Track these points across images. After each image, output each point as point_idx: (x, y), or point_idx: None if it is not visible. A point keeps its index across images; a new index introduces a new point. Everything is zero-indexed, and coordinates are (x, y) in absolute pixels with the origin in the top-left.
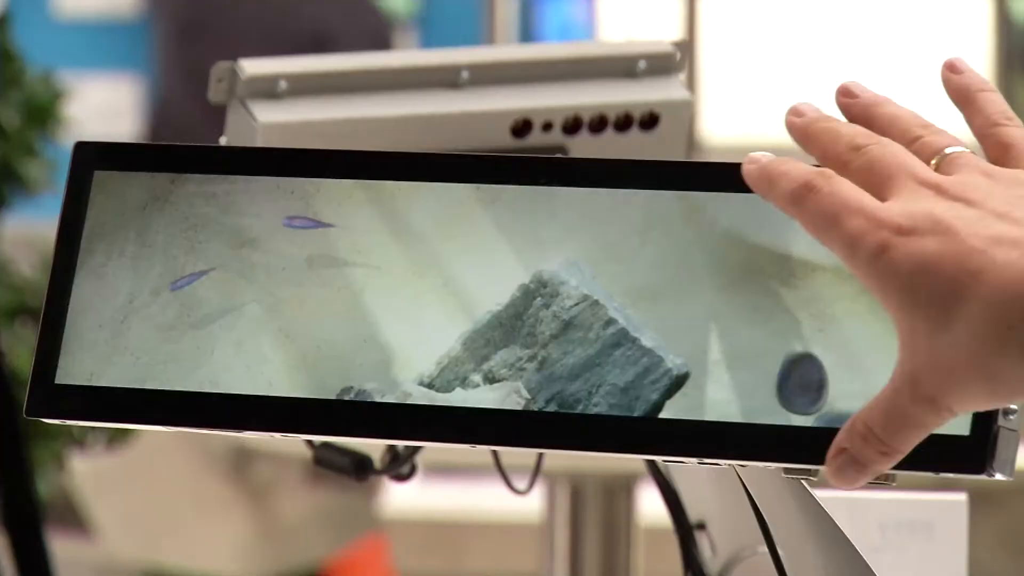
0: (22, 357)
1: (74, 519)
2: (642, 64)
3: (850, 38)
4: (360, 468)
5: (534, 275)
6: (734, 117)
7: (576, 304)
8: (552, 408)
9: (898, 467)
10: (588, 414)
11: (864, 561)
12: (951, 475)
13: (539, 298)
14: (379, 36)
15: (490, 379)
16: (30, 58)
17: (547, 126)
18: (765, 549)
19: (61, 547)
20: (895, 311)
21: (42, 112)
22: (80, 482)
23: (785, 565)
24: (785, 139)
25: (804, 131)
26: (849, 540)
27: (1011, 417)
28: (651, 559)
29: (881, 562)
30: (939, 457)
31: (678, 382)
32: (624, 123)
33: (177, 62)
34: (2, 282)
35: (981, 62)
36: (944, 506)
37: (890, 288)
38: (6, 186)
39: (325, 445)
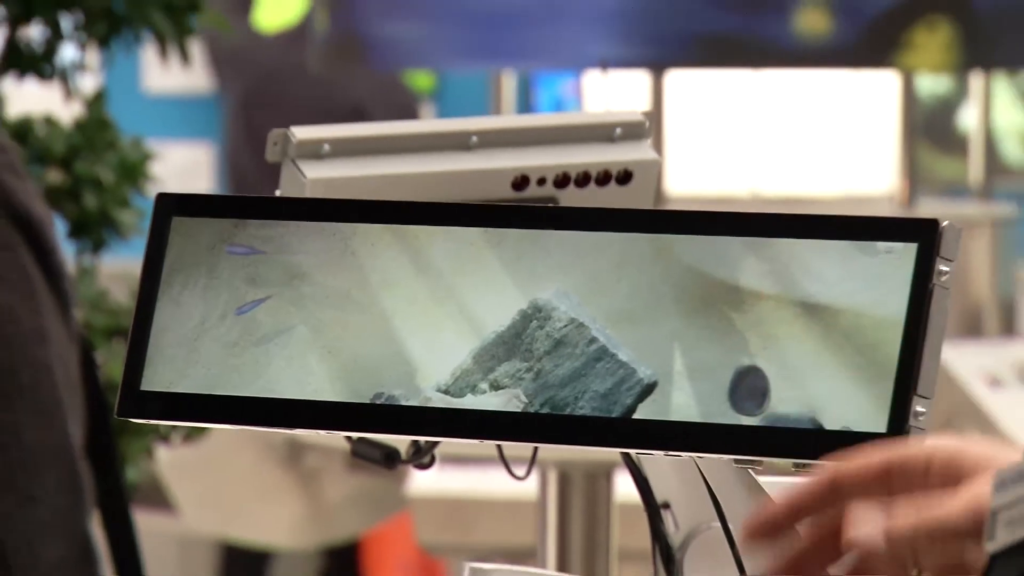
0: (116, 369)
1: (161, 499)
2: (618, 131)
3: (783, 109)
4: (390, 459)
5: (531, 302)
6: (692, 174)
7: (565, 326)
8: (545, 410)
9: (824, 459)
10: (575, 415)
11: (798, 533)
12: None
13: (535, 321)
14: (407, 109)
15: (495, 386)
16: (123, 127)
17: (541, 181)
18: (718, 525)
19: (151, 522)
20: None
21: (133, 171)
22: (164, 469)
23: (735, 537)
24: (729, 191)
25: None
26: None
27: (921, 418)
28: (625, 532)
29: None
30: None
31: (648, 389)
32: (604, 179)
33: (240, 127)
34: (101, 308)
35: (890, 132)
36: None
37: None
38: (104, 231)
39: (361, 440)
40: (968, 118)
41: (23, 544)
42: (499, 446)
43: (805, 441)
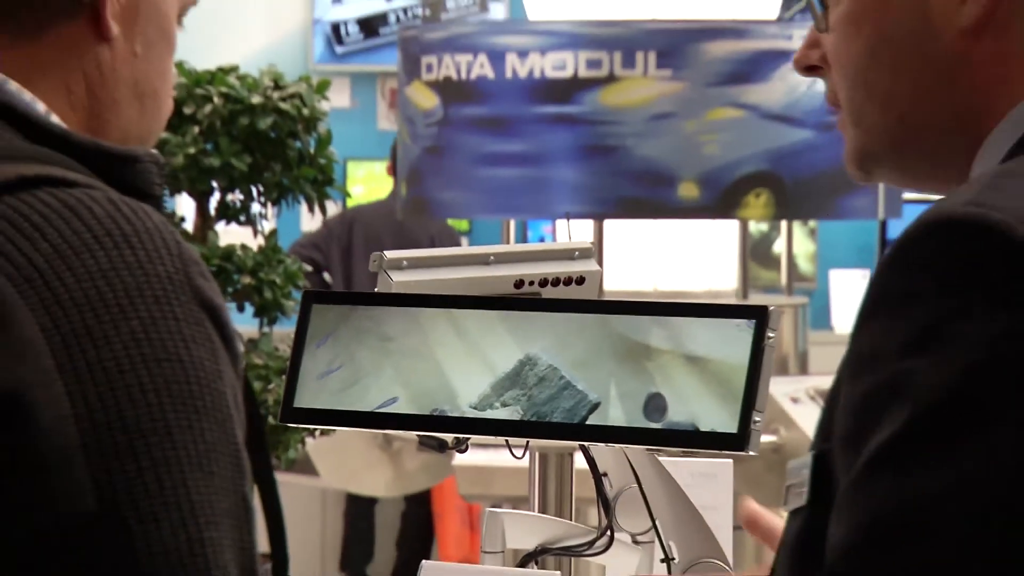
0: (280, 393)
1: (310, 468)
2: (576, 253)
3: (672, 241)
4: (441, 447)
5: (525, 355)
6: (619, 278)
7: (545, 369)
8: (534, 419)
9: (699, 448)
10: (551, 422)
11: (682, 491)
12: (728, 452)
13: (527, 366)
14: (455, 239)
15: (504, 404)
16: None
17: (531, 283)
18: (636, 486)
19: (304, 482)
20: None
21: (293, 278)
22: (311, 451)
23: (646, 493)
24: (641, 288)
25: None
26: (675, 481)
27: (757, 424)
28: (580, 489)
29: (690, 492)
30: (722, 444)
31: (594, 407)
32: (568, 281)
33: (343, 249)
34: (273, 357)
35: (733, 254)
36: (721, 465)
37: None
38: (276, 312)
39: (425, 435)
40: (778, 246)
41: (206, 502)
42: (507, 440)
43: (688, 438)
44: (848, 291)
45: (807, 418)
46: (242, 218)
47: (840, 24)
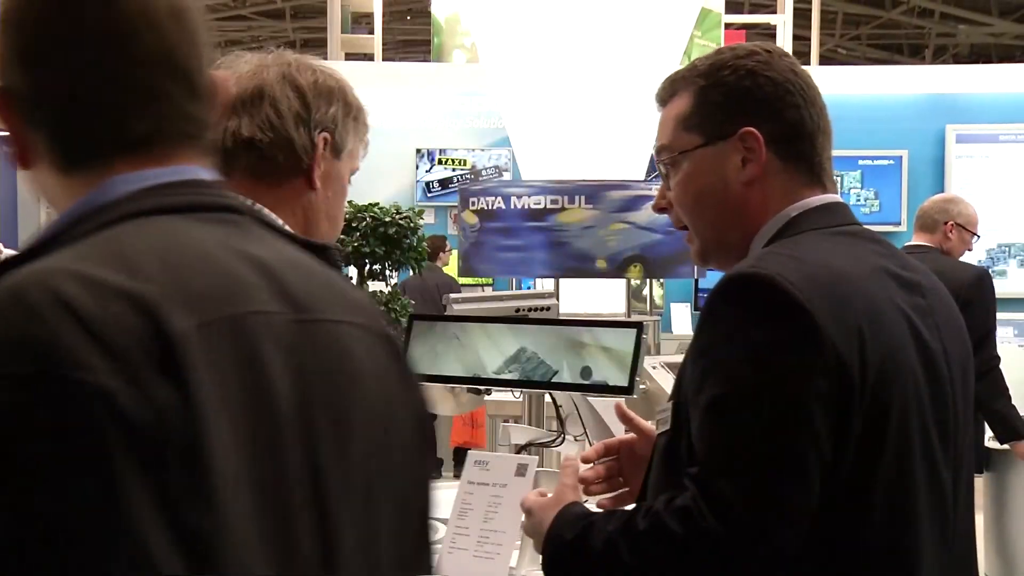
0: None
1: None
2: (546, 295)
3: (595, 290)
4: (479, 392)
5: (520, 347)
6: (568, 306)
7: (531, 353)
8: (525, 379)
9: (608, 393)
10: (533, 380)
11: (599, 414)
12: (623, 395)
13: (522, 352)
14: (454, 286)
15: (510, 372)
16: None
17: (524, 310)
18: (576, 411)
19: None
20: None
21: (405, 307)
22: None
23: (581, 415)
24: (578, 311)
25: None
26: (596, 409)
27: (637, 379)
28: (547, 412)
29: (602, 415)
30: (620, 391)
31: (555, 372)
32: (542, 309)
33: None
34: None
35: (622, 294)
36: (619, 400)
37: None
38: (399, 325)
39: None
40: (646, 291)
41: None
42: (512, 389)
43: (603, 389)
44: (679, 313)
45: (661, 378)
46: (380, 277)
47: (679, 185)
